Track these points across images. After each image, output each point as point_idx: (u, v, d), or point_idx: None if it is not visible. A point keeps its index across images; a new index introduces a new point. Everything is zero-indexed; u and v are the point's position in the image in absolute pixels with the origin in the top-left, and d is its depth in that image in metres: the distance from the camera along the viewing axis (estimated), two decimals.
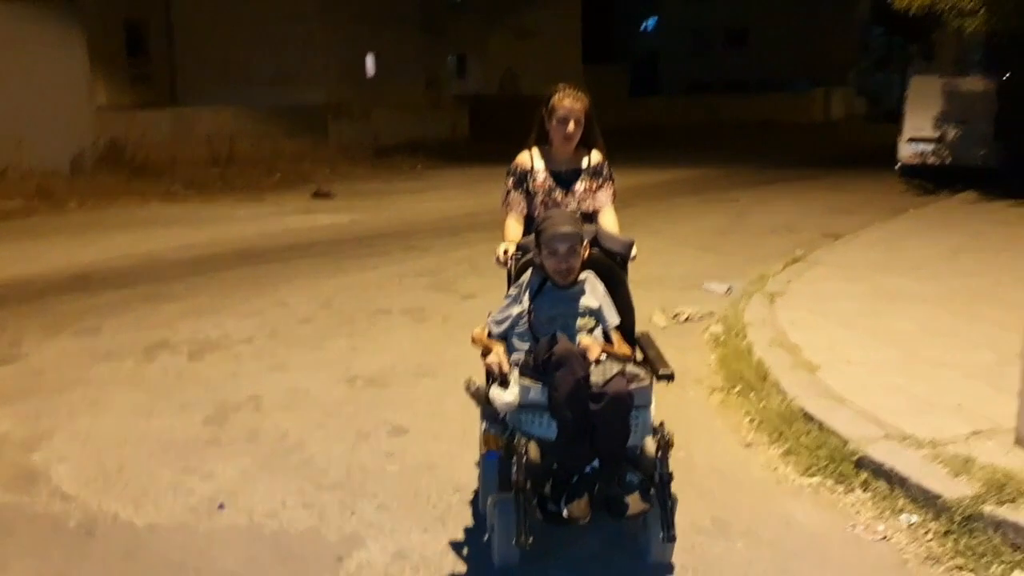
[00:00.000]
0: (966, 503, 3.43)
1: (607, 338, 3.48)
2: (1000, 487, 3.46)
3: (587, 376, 3.13)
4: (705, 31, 49.48)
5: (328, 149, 23.00)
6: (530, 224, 3.83)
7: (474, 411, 3.62)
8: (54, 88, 18.05)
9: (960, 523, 3.40)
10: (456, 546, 3.46)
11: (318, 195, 16.49)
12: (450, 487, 3.97)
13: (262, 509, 3.79)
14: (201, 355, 6.15)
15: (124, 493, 3.96)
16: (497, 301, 3.68)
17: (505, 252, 3.73)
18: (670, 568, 3.27)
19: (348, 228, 12.48)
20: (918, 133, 17.81)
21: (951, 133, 17.51)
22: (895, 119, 19.30)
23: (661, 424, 3.21)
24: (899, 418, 4.33)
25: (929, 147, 17.68)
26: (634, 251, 3.73)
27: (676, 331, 6.77)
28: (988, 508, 3.38)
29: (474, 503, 3.78)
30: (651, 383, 3.27)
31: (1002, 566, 3.18)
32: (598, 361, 3.23)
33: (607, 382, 3.13)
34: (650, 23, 55.35)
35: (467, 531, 3.58)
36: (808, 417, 4.52)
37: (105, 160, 19.15)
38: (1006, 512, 3.34)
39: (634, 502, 3.14)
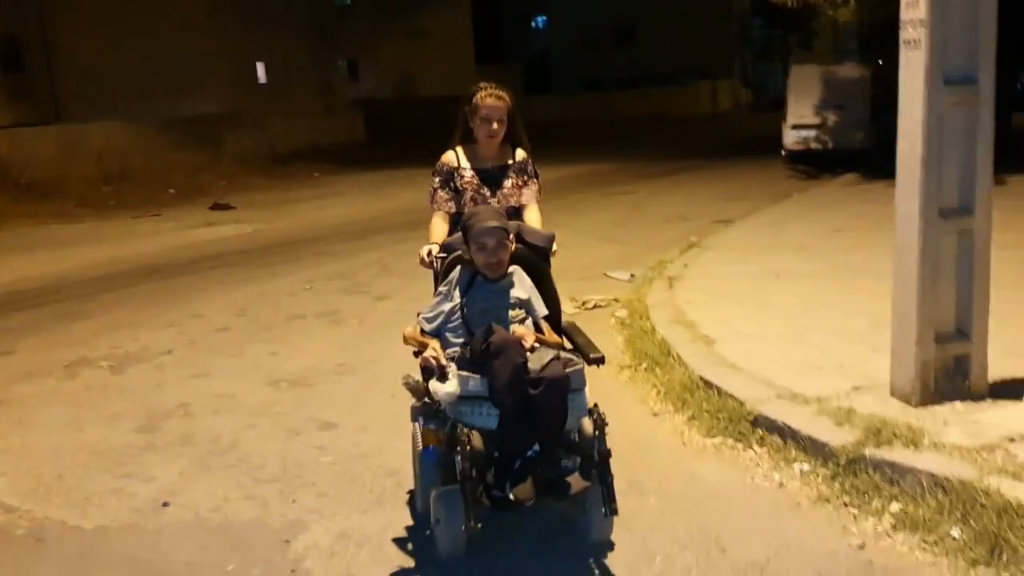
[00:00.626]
0: (849, 448, 3.86)
1: (537, 328, 3.59)
2: (877, 432, 3.90)
3: (525, 362, 3.24)
4: (594, 29, 50.45)
5: (224, 160, 22.70)
6: (459, 222, 3.85)
7: (399, 403, 3.84)
8: None
9: (845, 466, 3.82)
10: (396, 523, 3.70)
11: (217, 207, 16.38)
12: (383, 472, 4.21)
13: (205, 505, 3.97)
14: (123, 368, 6.23)
15: (67, 500, 4.09)
16: (411, 301, 3.92)
17: (429, 253, 3.77)
18: (610, 544, 3.43)
19: (253, 238, 12.52)
20: (800, 120, 18.58)
21: (831, 119, 18.31)
22: (779, 108, 20.13)
23: (595, 405, 3.36)
24: (788, 380, 4.76)
25: (811, 133, 18.45)
26: (555, 245, 3.83)
27: (585, 317, 7.12)
28: (868, 451, 3.80)
29: (411, 500, 3.88)
30: (584, 367, 3.40)
31: (881, 500, 3.60)
32: (533, 348, 3.34)
33: (544, 367, 3.25)
34: (539, 21, 56.07)
35: (404, 509, 3.82)
36: (708, 385, 4.93)
37: None
38: (883, 453, 3.77)
39: (575, 481, 3.24)
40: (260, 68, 28.27)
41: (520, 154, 4.07)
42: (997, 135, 4.11)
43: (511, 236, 3.61)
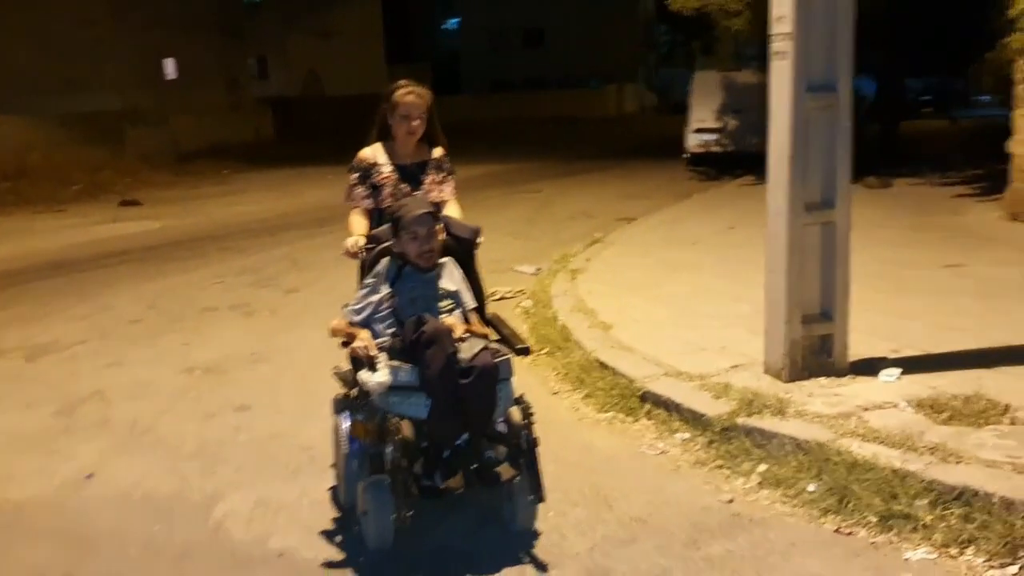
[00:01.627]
0: (723, 418, 4.28)
1: (466, 320, 3.63)
2: (749, 404, 4.33)
3: (456, 352, 3.31)
4: (503, 31, 50.95)
5: (127, 157, 22.30)
6: (377, 218, 3.93)
7: (312, 386, 4.03)
8: None
9: (720, 433, 4.24)
10: (311, 491, 3.96)
11: (125, 203, 16.23)
12: (298, 448, 4.47)
13: (127, 480, 4.17)
14: (36, 358, 6.32)
15: None
16: (321, 293, 4.15)
17: (355, 244, 3.78)
18: (534, 532, 3.51)
19: (160, 234, 12.50)
20: (702, 124, 19.28)
21: (730, 123, 19.09)
22: (682, 111, 20.81)
23: (522, 395, 3.47)
24: (675, 360, 5.18)
25: (713, 137, 19.16)
26: (481, 237, 3.86)
27: (492, 308, 7.43)
28: (740, 420, 4.23)
29: (333, 489, 3.92)
30: (511, 357, 3.46)
31: (750, 462, 4.02)
32: (463, 339, 3.41)
33: (474, 356, 3.32)
34: (452, 23, 56.31)
35: (319, 479, 4.06)
36: (603, 366, 5.32)
37: None
38: (753, 422, 4.20)
39: (504, 469, 3.32)
40: (169, 64, 27.75)
41: (438, 151, 4.11)
42: (887, 142, 4.59)
43: (440, 225, 3.69)
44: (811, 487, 3.70)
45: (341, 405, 3.67)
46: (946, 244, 8.68)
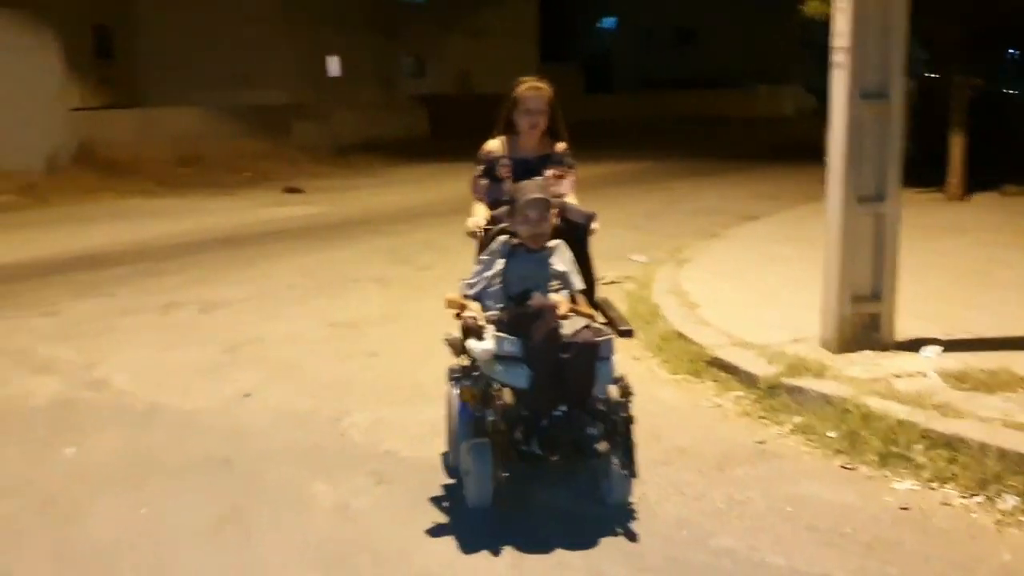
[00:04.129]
0: (771, 378, 4.95)
1: (573, 300, 3.80)
2: (794, 368, 4.98)
3: (558, 327, 3.49)
4: (656, 30, 51.18)
5: (290, 148, 24.12)
6: (496, 207, 4.09)
7: (430, 343, 4.75)
8: (29, 91, 19.06)
9: (766, 391, 4.91)
10: (420, 416, 4.84)
11: (289, 190, 17.78)
12: (411, 385, 5.40)
13: (276, 400, 5.24)
14: (208, 311, 7.55)
15: (170, 390, 5.42)
16: (451, 271, 4.90)
17: (476, 223, 4.02)
18: (629, 512, 3.70)
19: (318, 218, 13.84)
20: None
21: None
22: None
23: (623, 375, 3.65)
24: (745, 333, 5.84)
25: None
26: (596, 224, 4.04)
27: (601, 292, 8.25)
28: (784, 380, 4.89)
29: (444, 458, 4.24)
30: (613, 338, 3.66)
31: (787, 415, 4.68)
32: (566, 316, 3.58)
33: (575, 333, 3.50)
34: (608, 22, 56.81)
35: (428, 407, 4.82)
36: (681, 336, 6.03)
37: (78, 159, 20.22)
38: (794, 381, 4.85)
39: (599, 444, 3.49)
40: (332, 62, 29.59)
41: (560, 146, 4.24)
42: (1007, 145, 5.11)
43: (554, 210, 3.86)
44: (830, 433, 4.35)
45: (455, 372, 3.91)
46: None
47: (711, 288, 7.42)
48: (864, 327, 5.29)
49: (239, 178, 20.12)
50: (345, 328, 6.92)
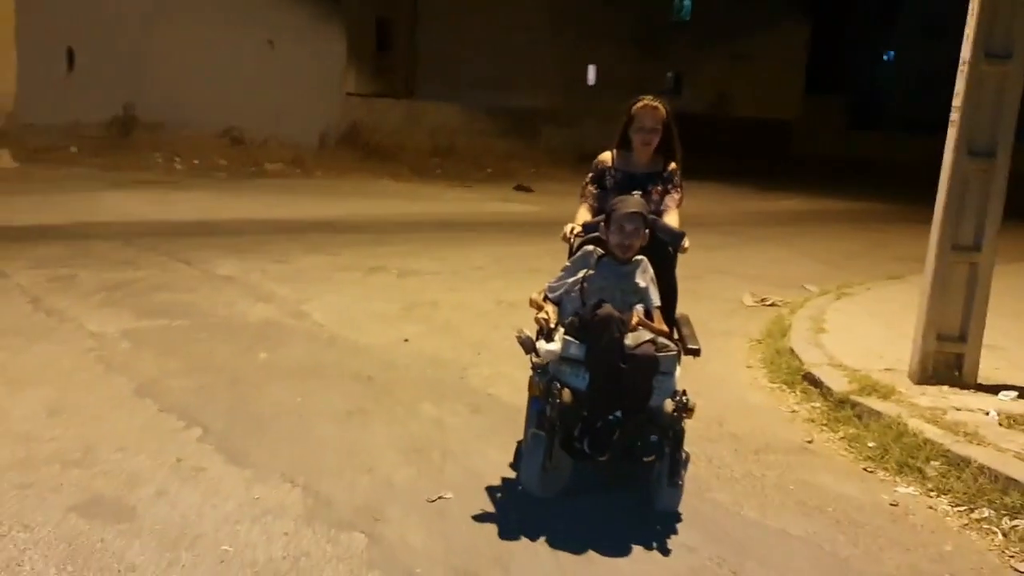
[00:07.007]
0: (842, 394, 5.53)
1: (648, 316, 3.93)
2: (865, 389, 5.53)
3: (622, 337, 3.64)
4: (934, 71, 48.82)
5: (536, 150, 25.67)
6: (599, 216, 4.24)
7: None
8: (313, 74, 21.70)
9: (836, 404, 5.51)
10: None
11: (519, 188, 19.24)
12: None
13: (426, 347, 6.46)
14: (404, 277, 8.97)
15: (352, 328, 6.81)
16: None
17: (572, 230, 4.22)
18: (677, 516, 3.90)
19: (532, 216, 15.13)
20: None
21: None
22: None
23: (684, 391, 3.75)
24: (849, 359, 6.36)
25: None
26: (686, 243, 4.11)
27: (758, 310, 8.89)
28: (852, 397, 5.46)
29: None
30: (677, 354, 3.80)
31: (845, 426, 5.26)
32: (634, 328, 3.74)
33: (638, 345, 3.64)
34: (888, 55, 54.55)
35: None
36: (792, 352, 6.65)
37: (346, 139, 22.77)
38: (860, 399, 5.41)
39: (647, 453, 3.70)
40: (590, 71, 30.85)
41: (671, 165, 4.35)
42: None
43: (647, 229, 4.00)
44: (871, 443, 4.93)
45: (536, 366, 3.99)
46: None
47: (850, 319, 7.89)
48: (947, 365, 5.73)
49: (481, 173, 21.89)
50: (507, 306, 8.04)
